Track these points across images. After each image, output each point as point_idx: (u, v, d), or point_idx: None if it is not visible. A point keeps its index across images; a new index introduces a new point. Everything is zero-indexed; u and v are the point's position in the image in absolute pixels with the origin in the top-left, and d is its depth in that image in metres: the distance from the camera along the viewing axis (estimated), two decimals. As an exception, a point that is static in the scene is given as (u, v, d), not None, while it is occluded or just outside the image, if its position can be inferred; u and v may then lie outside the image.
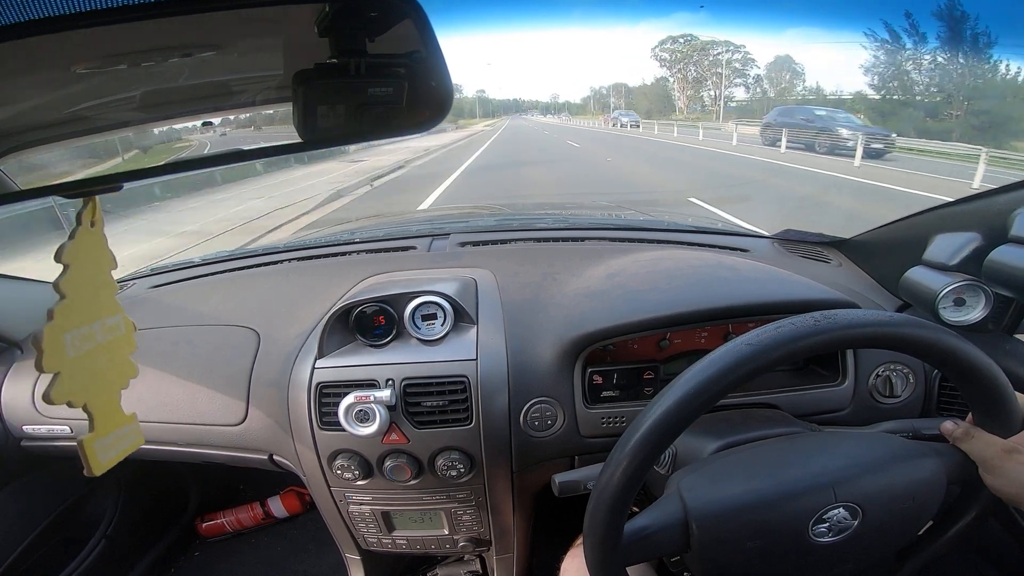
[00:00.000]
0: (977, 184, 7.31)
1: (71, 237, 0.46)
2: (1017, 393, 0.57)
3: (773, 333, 0.52)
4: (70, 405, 0.48)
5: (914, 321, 0.54)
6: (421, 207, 6.26)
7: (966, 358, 0.54)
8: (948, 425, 0.62)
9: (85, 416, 0.49)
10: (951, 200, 1.00)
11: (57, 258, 0.44)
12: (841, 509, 0.56)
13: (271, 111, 0.54)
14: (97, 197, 0.48)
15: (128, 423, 0.54)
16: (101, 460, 0.51)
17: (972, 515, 0.63)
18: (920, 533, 0.65)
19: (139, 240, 5.15)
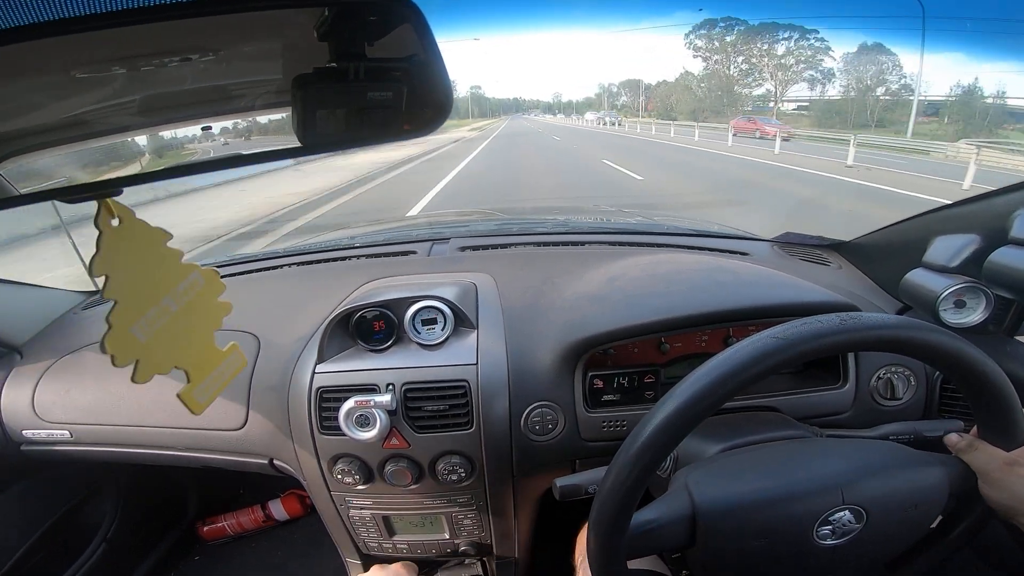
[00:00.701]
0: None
1: (97, 249, 0.46)
2: None
3: (799, 328, 0.52)
4: (162, 373, 0.52)
5: (934, 328, 0.54)
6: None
7: (982, 370, 0.54)
8: (953, 437, 0.63)
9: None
10: (951, 202, 1.00)
11: (91, 273, 0.46)
12: (847, 512, 0.56)
13: (266, 121, 0.55)
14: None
15: (226, 357, 0.59)
16: (200, 401, 0.56)
17: (964, 527, 0.63)
18: (912, 544, 0.65)
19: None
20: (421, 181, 9.33)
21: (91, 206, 0.47)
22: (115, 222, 0.47)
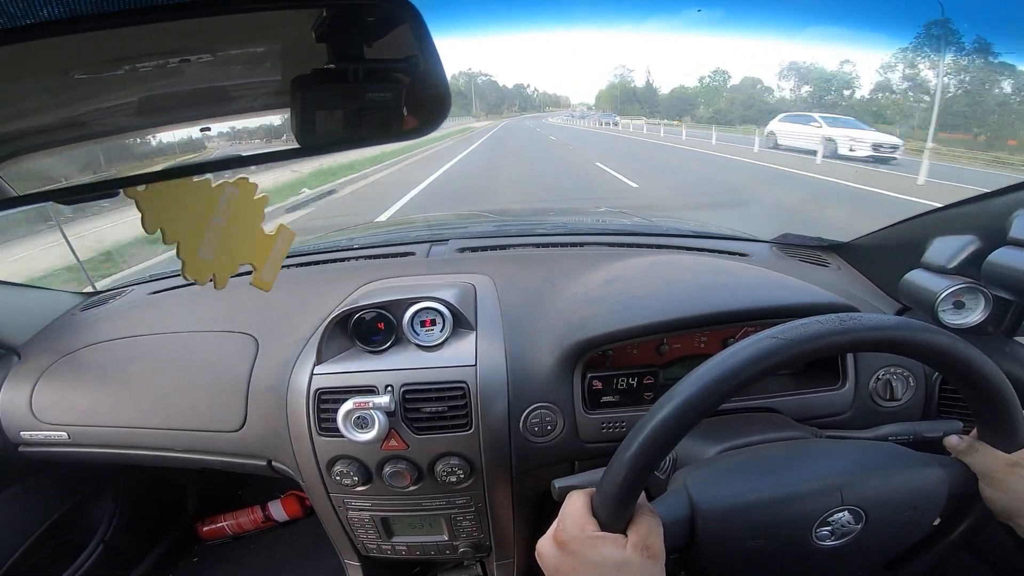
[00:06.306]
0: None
1: (141, 213, 0.48)
2: None
3: (800, 329, 0.51)
4: (234, 274, 0.55)
5: (933, 329, 0.53)
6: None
7: (983, 372, 0.54)
8: (953, 439, 0.62)
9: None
10: (950, 203, 1.00)
11: (147, 232, 0.48)
12: (846, 512, 0.56)
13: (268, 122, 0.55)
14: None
15: (275, 239, 0.61)
16: (268, 280, 0.59)
17: (963, 529, 0.63)
18: (911, 545, 0.65)
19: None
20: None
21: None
22: (141, 187, 0.49)
